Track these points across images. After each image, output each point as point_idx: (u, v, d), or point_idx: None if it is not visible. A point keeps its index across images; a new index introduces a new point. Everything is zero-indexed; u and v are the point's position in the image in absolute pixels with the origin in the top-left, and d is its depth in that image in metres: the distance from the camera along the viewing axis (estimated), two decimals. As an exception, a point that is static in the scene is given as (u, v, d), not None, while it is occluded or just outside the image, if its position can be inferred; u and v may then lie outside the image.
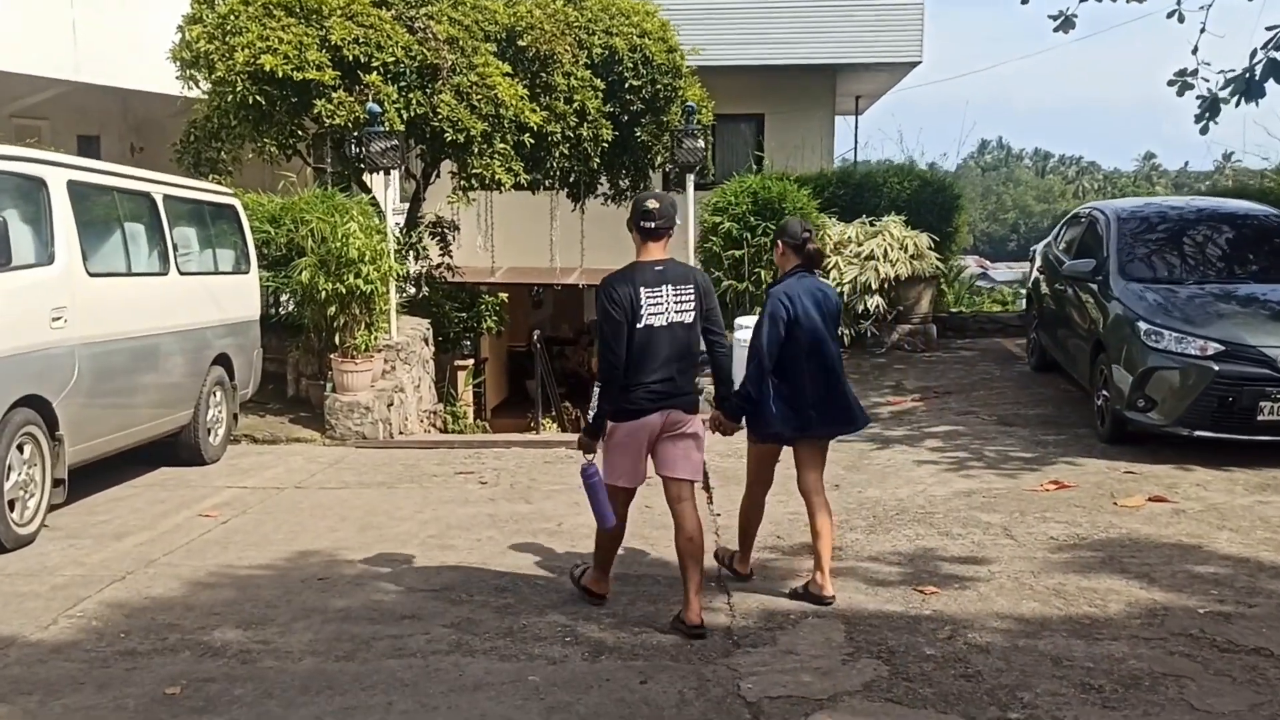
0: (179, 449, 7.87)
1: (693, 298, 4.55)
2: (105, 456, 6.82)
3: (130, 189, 7.13)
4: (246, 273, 8.95)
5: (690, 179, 10.09)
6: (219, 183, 11.69)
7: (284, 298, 10.38)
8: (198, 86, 11.44)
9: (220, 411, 8.25)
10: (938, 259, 11.17)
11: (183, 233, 7.84)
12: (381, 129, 10.00)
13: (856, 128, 24.50)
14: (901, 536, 5.69)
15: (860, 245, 11.00)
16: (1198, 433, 6.94)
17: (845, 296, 10.91)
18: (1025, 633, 4.33)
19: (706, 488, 7.08)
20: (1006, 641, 4.25)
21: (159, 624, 4.60)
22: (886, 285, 10.88)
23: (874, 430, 8.49)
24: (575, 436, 6.01)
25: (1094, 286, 8.06)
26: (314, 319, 9.49)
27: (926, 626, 4.43)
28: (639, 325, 4.46)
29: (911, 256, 10.94)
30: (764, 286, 10.11)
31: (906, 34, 16.48)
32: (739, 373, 5.10)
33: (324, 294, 9.11)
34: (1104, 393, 7.59)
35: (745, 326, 9.42)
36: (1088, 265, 8.15)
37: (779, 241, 5.00)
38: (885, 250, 10.84)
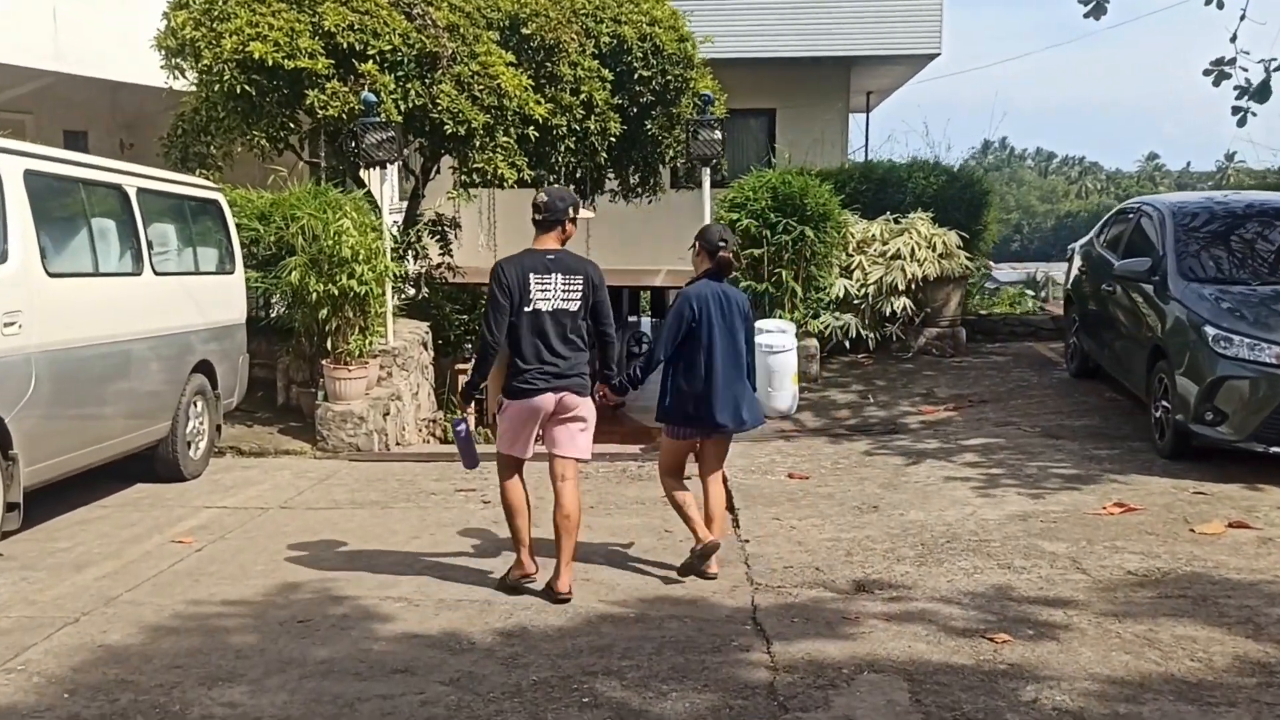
0: (156, 464, 7.24)
1: (581, 288, 4.88)
2: (70, 475, 6.19)
3: (99, 181, 6.49)
4: (231, 273, 8.32)
5: (706, 173, 9.45)
6: (206, 178, 11.12)
7: (274, 299, 9.78)
8: (183, 76, 10.84)
9: (201, 423, 7.62)
10: (967, 258, 10.53)
11: (159, 229, 7.22)
12: (377, 119, 9.38)
13: (868, 125, 23.86)
14: (957, 569, 5.05)
15: (885, 244, 10.37)
16: (1275, 449, 6.31)
17: (870, 298, 10.30)
18: (1123, 695, 3.69)
19: (731, 509, 6.44)
20: (1103, 707, 3.61)
21: (110, 680, 3.97)
22: (914, 286, 10.25)
23: (904, 443, 7.87)
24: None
25: (1149, 288, 7.43)
26: (304, 322, 8.87)
27: (1005, 685, 3.80)
28: (526, 309, 4.81)
29: (940, 255, 10.31)
30: (785, 288, 9.50)
31: (925, 24, 15.87)
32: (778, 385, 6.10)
33: (315, 296, 8.49)
34: (1164, 403, 6.96)
35: (767, 331, 8.81)
36: (1143, 264, 7.52)
37: (697, 243, 5.28)
38: (912, 249, 10.21)
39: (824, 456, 7.63)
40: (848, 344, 10.27)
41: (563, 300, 4.85)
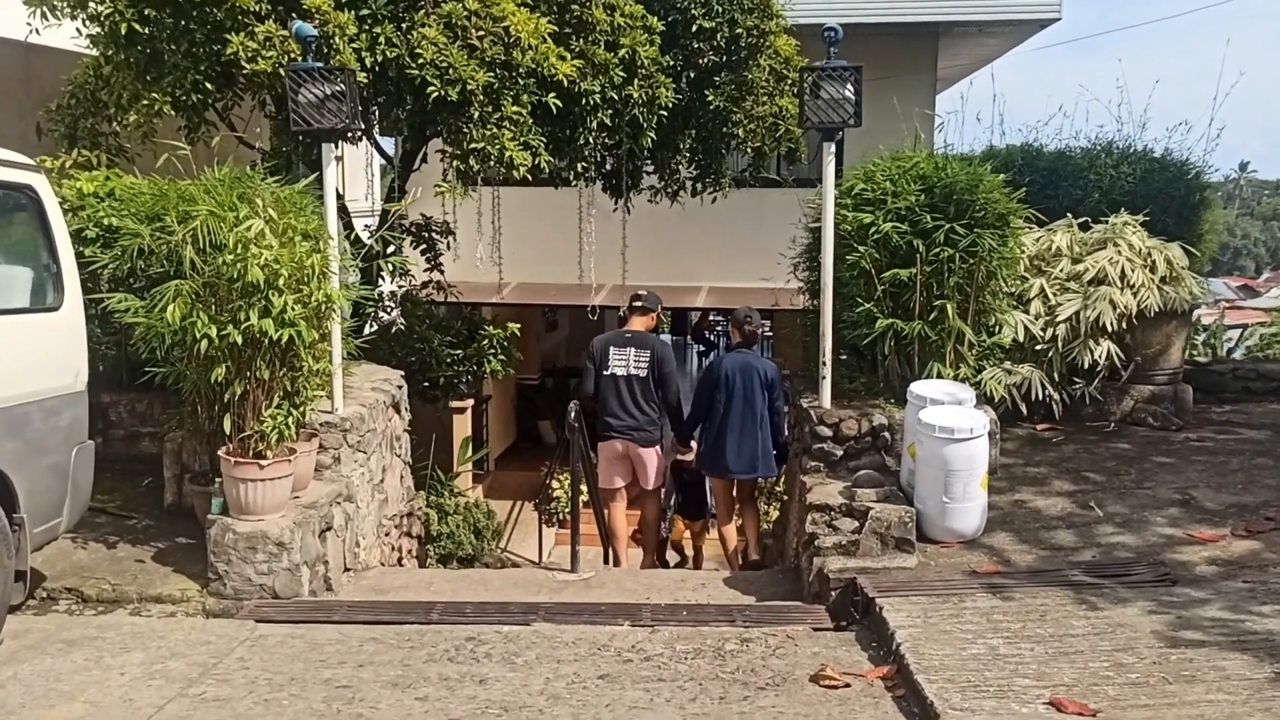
0: (-124, 666, 3.93)
1: (648, 359, 6.82)
2: None
3: None
4: (55, 309, 4.98)
5: (830, 153, 6.07)
6: (93, 162, 7.93)
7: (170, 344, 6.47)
8: (54, 17, 7.58)
9: (-23, 579, 4.29)
10: (1196, 281, 7.17)
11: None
12: (318, 65, 6.08)
13: (933, 109, 20.47)
14: None
15: (1077, 261, 7.03)
16: None
17: (1060, 342, 6.94)
18: None
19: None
20: None
21: None
22: (1124, 324, 6.90)
23: (1215, 612, 4.51)
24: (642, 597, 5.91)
25: None
26: (195, 384, 5.54)
27: None
28: (605, 372, 6.83)
29: (1160, 280, 6.96)
30: (948, 328, 6.14)
31: (1044, -18, 12.62)
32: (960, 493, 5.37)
33: (204, 344, 5.16)
34: None
35: (933, 400, 5.49)
36: None
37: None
38: (1122, 269, 6.86)
39: (1079, 639, 4.29)
40: (1024, 408, 6.92)
41: (634, 368, 6.83)
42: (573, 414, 6.60)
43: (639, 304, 7.08)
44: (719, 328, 28.19)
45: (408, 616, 5.08)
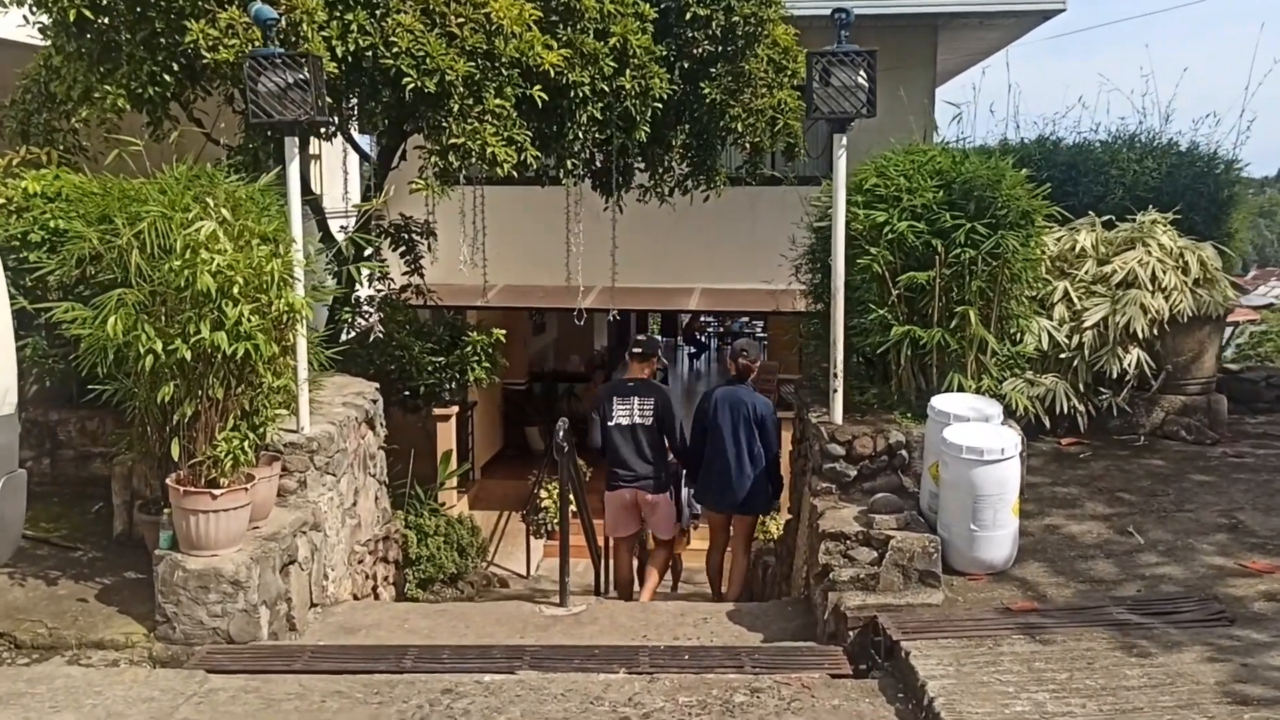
0: None
1: (652, 408, 6.71)
2: None
3: None
4: (-22, 322, 4.45)
5: (842, 146, 5.57)
6: (43, 160, 7.42)
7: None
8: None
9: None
10: (1231, 284, 6.69)
11: None
12: (279, 51, 5.54)
13: (933, 102, 20.00)
14: None
15: (1104, 263, 6.53)
16: None
17: (1086, 350, 6.45)
18: None
19: None
20: None
21: None
22: (1155, 330, 6.41)
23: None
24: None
25: None
26: (144, 403, 5.00)
27: None
28: (609, 423, 6.70)
29: (1193, 282, 6.47)
30: (969, 336, 5.64)
31: (1049, -31, 12.15)
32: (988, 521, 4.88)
33: (150, 360, 4.62)
34: None
35: (956, 416, 5.01)
36: None
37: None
38: (1153, 271, 6.37)
39: (1136, 693, 3.79)
40: (1047, 421, 6.43)
41: (639, 417, 6.69)
42: (561, 433, 6.08)
43: (638, 350, 7.05)
44: (709, 329, 27.77)
45: (377, 664, 4.55)
